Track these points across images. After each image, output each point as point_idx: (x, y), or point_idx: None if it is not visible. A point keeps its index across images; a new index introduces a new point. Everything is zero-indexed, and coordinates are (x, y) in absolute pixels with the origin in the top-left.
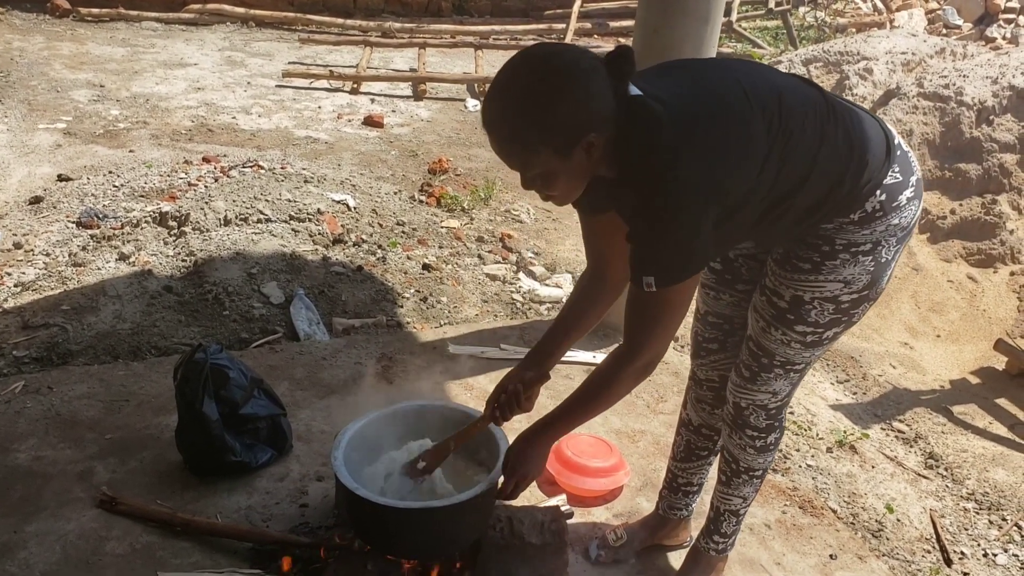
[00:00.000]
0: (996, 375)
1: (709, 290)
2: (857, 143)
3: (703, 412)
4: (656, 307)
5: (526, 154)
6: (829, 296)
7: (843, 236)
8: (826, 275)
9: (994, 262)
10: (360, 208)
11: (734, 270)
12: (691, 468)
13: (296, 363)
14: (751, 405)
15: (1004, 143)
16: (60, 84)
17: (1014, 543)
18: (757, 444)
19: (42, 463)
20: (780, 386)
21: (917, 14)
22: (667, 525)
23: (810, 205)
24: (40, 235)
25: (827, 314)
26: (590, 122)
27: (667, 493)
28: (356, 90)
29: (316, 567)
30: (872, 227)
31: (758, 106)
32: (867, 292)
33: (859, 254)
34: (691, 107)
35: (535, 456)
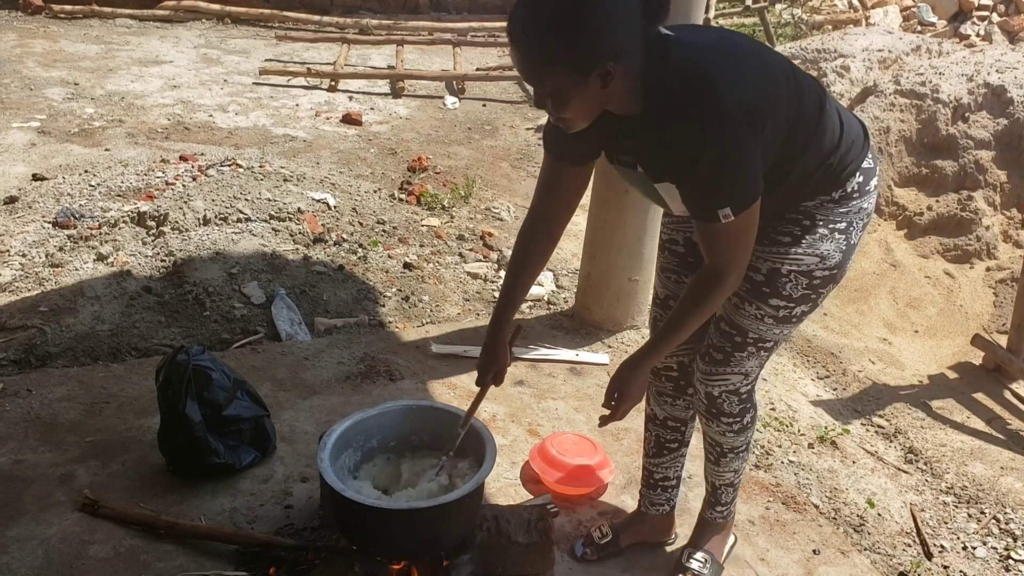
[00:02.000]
0: (973, 370)
1: (671, 274)
2: (845, 124)
3: (665, 405)
4: (737, 232)
5: (542, 68)
6: (805, 270)
7: (822, 213)
8: (805, 248)
9: (970, 258)
10: (340, 207)
11: (697, 253)
12: (664, 463)
13: (278, 364)
14: (723, 392)
15: (980, 140)
16: (33, 82)
17: (992, 536)
18: (735, 427)
19: (22, 467)
20: (751, 366)
21: (892, 11)
22: (650, 522)
23: (801, 176)
24: (16, 235)
25: (800, 288)
26: (612, 50)
27: (646, 490)
28: (334, 88)
29: (302, 569)
30: (848, 207)
31: (778, 61)
32: (835, 272)
33: (835, 231)
34: (724, 47)
35: (638, 381)
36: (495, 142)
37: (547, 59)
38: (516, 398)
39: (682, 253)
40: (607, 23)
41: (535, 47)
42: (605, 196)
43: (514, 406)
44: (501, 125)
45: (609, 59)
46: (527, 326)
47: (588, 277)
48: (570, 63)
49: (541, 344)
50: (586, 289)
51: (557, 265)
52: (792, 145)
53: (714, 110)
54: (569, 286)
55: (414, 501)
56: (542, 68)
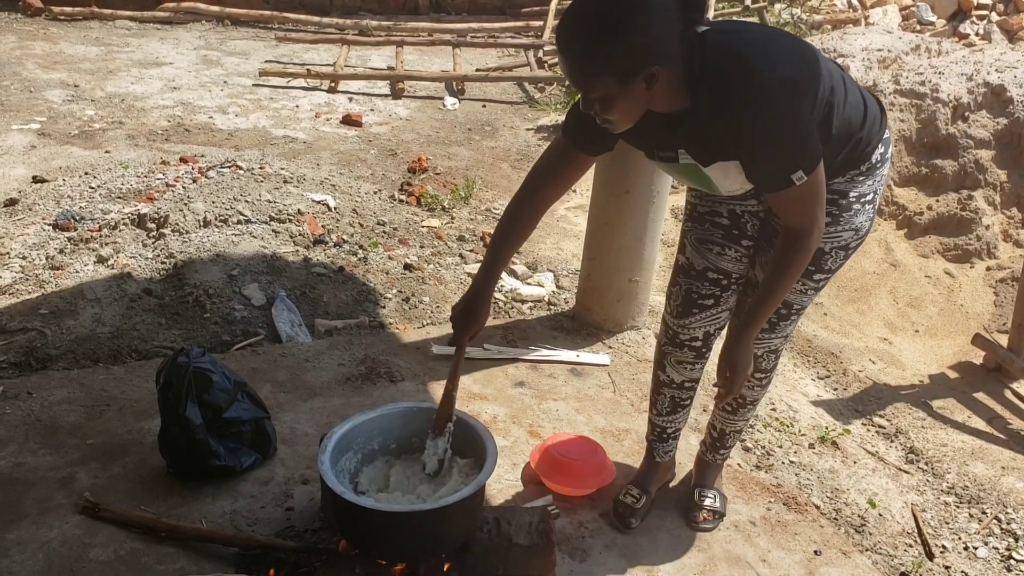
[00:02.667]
0: (974, 369)
1: (714, 245)
2: (865, 100)
3: (685, 370)
4: (812, 192)
5: (591, 76)
6: (843, 244)
7: (854, 189)
8: (843, 225)
9: (970, 257)
10: (340, 208)
11: (741, 226)
12: (679, 418)
13: (279, 365)
14: (765, 352)
15: (979, 139)
16: (33, 84)
17: (994, 536)
18: (764, 382)
19: (22, 470)
20: (791, 329)
21: (892, 10)
22: (663, 467)
23: (833, 155)
24: (16, 238)
25: (839, 260)
26: (656, 54)
27: (659, 443)
28: (334, 89)
29: (303, 571)
30: (874, 178)
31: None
32: (864, 237)
33: (866, 203)
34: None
35: (745, 353)
36: (495, 143)
37: (595, 67)
38: (517, 399)
39: (726, 225)
40: (650, 29)
41: (583, 56)
42: (605, 198)
43: (515, 407)
44: (501, 126)
45: (653, 63)
46: (527, 327)
47: (588, 278)
48: (617, 70)
49: (542, 345)
50: (586, 290)
51: (558, 266)
52: (826, 126)
53: (759, 85)
54: (569, 287)
55: (415, 503)
56: (591, 76)
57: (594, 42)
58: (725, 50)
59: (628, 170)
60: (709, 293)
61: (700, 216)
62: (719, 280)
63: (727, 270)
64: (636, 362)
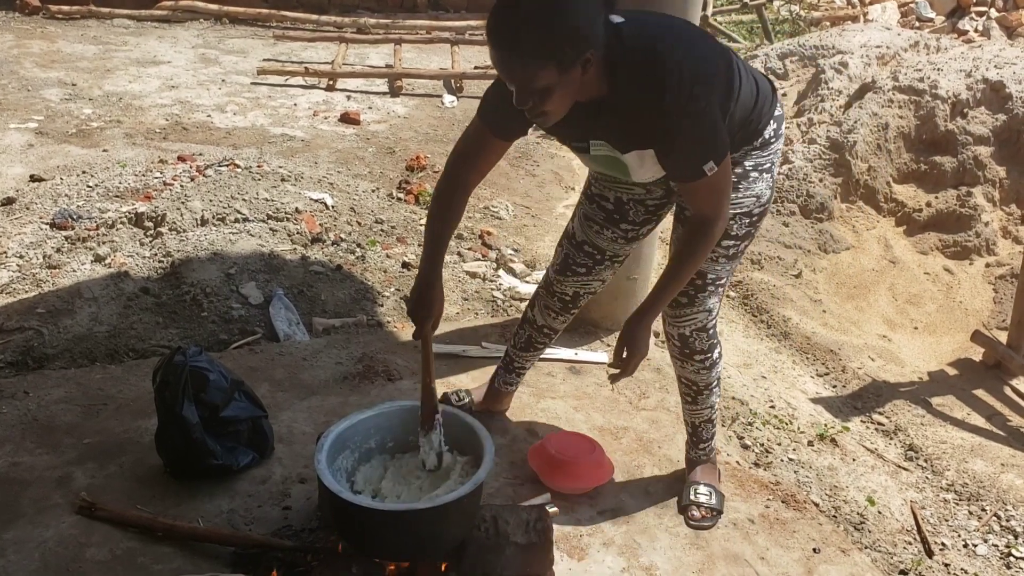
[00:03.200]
0: (973, 366)
1: (594, 224)
2: (758, 83)
3: (548, 316)
4: (720, 182)
5: (533, 67)
6: (746, 211)
7: (751, 160)
8: (743, 193)
9: (970, 254)
10: (338, 206)
11: (623, 212)
12: (528, 356)
13: (276, 364)
14: (693, 331)
15: (978, 136)
16: (31, 83)
17: (993, 533)
18: (707, 364)
19: (19, 469)
20: (713, 302)
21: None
22: (500, 396)
23: (732, 135)
24: (13, 237)
25: (744, 227)
26: (592, 38)
27: (505, 373)
28: (332, 87)
29: (300, 570)
30: (769, 151)
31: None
32: (766, 206)
33: (763, 172)
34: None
35: (644, 335)
36: None
37: (538, 57)
38: (515, 397)
39: (610, 209)
40: (585, 11)
41: (525, 47)
42: None
43: (512, 405)
44: None
45: (590, 46)
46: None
47: None
48: (560, 57)
49: None
50: None
51: None
52: (725, 113)
53: (677, 80)
54: None
55: (412, 502)
56: (533, 67)
57: (536, 31)
58: (643, 40)
59: None
60: (583, 263)
61: (591, 196)
62: (593, 254)
63: (602, 247)
64: None
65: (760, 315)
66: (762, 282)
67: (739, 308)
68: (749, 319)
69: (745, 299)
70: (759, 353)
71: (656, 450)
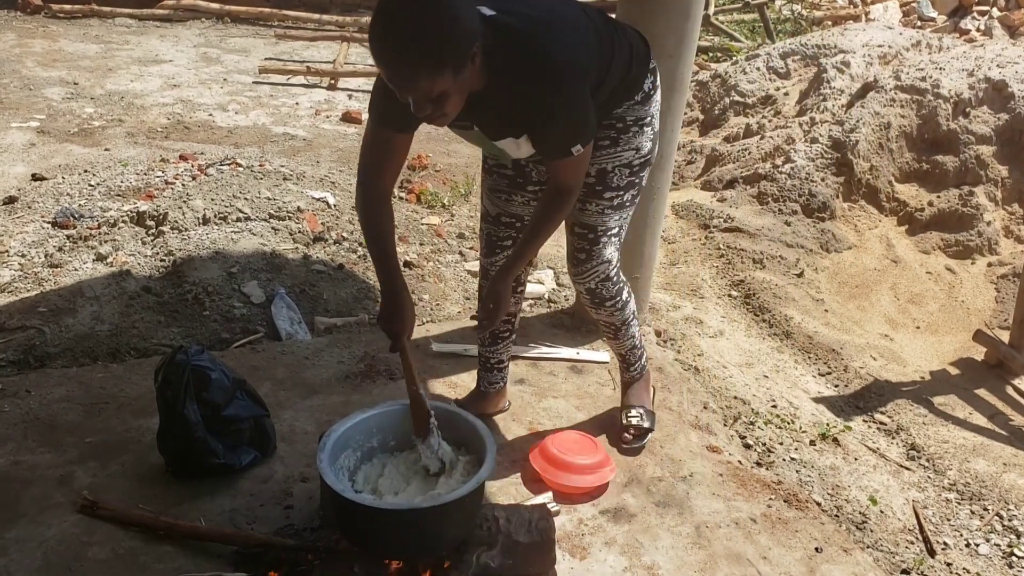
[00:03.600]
0: (975, 366)
1: (501, 193)
2: (632, 41)
3: None
4: (583, 159)
5: (430, 76)
6: (625, 162)
7: (631, 114)
8: (623, 146)
9: (972, 253)
10: (340, 205)
11: (525, 175)
12: (499, 349)
13: (278, 363)
14: (598, 283)
15: (980, 135)
16: (33, 82)
17: (995, 533)
18: (619, 305)
19: (21, 468)
20: (610, 252)
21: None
22: (489, 398)
23: (610, 92)
24: (15, 236)
25: (624, 177)
26: (474, 33)
27: (485, 373)
28: (333, 86)
29: (302, 569)
30: (649, 104)
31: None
32: (649, 156)
33: (644, 126)
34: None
35: (506, 288)
36: None
37: (436, 66)
38: (517, 396)
39: (511, 175)
40: (464, 9)
41: (421, 61)
42: None
43: (514, 404)
44: None
45: (475, 41)
46: (527, 324)
47: None
48: (455, 60)
49: (541, 342)
50: None
51: (558, 263)
52: (602, 73)
53: (553, 75)
54: (569, 284)
55: (415, 501)
56: (431, 78)
57: (428, 41)
58: (520, 36)
59: None
60: (506, 235)
61: (490, 168)
62: (512, 223)
63: (518, 214)
64: None
65: (762, 314)
66: (764, 281)
67: (741, 307)
68: (751, 318)
69: (747, 298)
70: (761, 352)
71: (658, 449)
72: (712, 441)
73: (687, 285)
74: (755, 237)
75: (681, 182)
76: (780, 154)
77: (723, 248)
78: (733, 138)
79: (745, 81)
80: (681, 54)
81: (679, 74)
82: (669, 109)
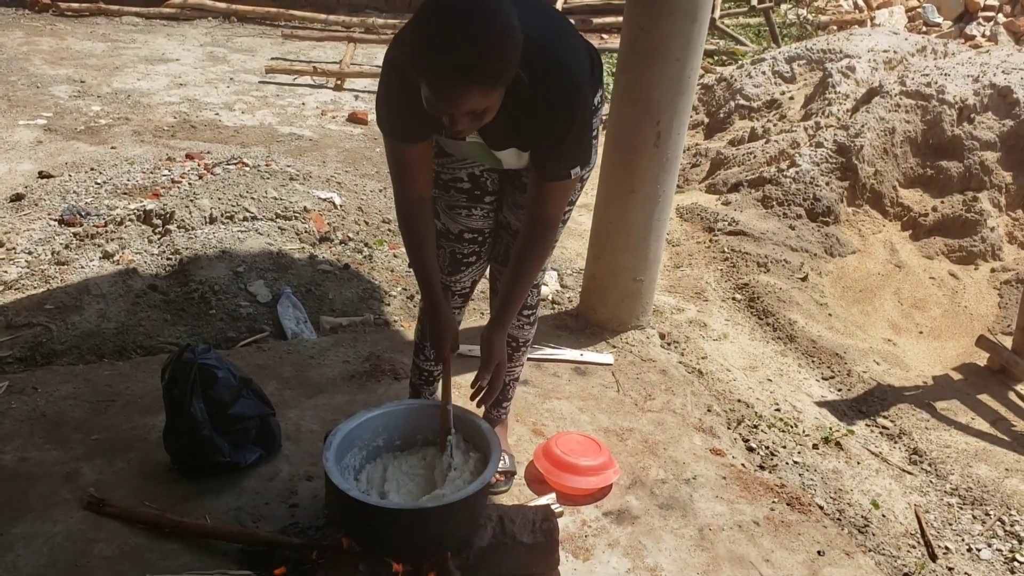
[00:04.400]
0: (978, 371)
1: (461, 209)
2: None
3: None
4: (572, 186)
5: (489, 91)
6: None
7: None
8: None
9: (975, 259)
10: (346, 206)
11: (481, 186)
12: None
13: (284, 362)
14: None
15: (985, 141)
16: (40, 80)
17: (997, 538)
18: (531, 319)
19: (27, 464)
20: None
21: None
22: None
23: None
24: (22, 233)
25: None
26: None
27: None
28: (340, 86)
29: (307, 568)
30: (597, 116)
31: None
32: (590, 167)
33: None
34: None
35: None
36: None
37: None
38: (520, 398)
39: (468, 188)
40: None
41: (483, 77)
42: (611, 197)
43: (518, 406)
44: None
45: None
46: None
47: (593, 277)
48: (509, 76)
49: (545, 344)
50: (591, 289)
51: (562, 265)
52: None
53: (576, 94)
54: (574, 286)
55: (420, 501)
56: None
57: (494, 56)
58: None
59: (633, 170)
60: (470, 251)
61: (444, 184)
62: (475, 239)
63: (479, 228)
64: (640, 361)
65: (766, 318)
66: (768, 285)
67: (745, 311)
68: (755, 322)
69: (751, 302)
70: (765, 356)
71: (661, 452)
72: (716, 444)
73: (691, 288)
74: (759, 241)
75: (686, 185)
76: (785, 158)
77: (727, 251)
78: (738, 142)
79: (750, 85)
80: (687, 57)
81: (685, 77)
82: (675, 112)
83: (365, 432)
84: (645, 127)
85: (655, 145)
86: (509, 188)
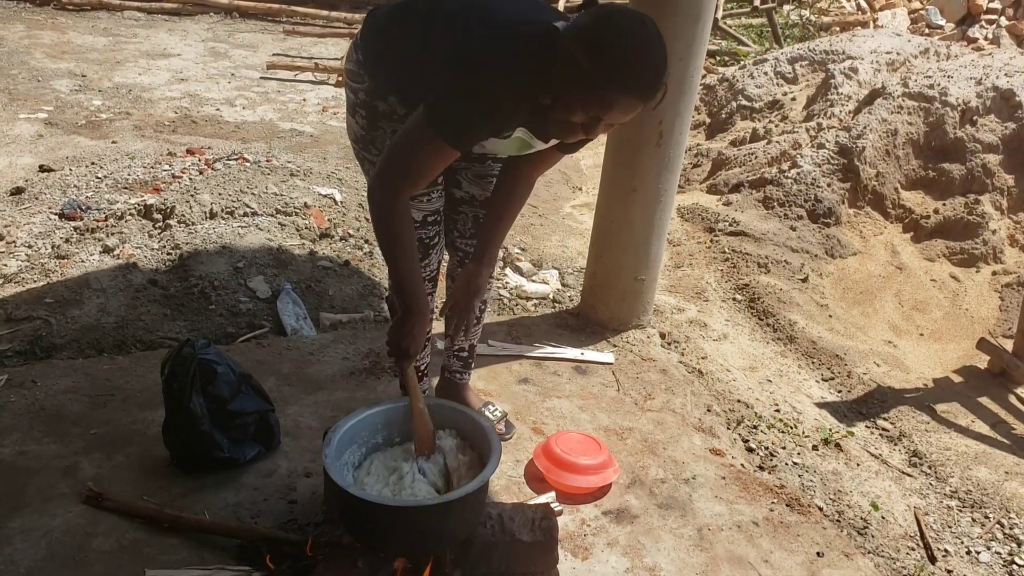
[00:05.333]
0: (978, 374)
1: (423, 197)
2: None
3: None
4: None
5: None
6: None
7: None
8: None
9: (976, 261)
10: (347, 202)
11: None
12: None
13: (283, 358)
14: None
15: (987, 144)
16: (41, 73)
17: (996, 541)
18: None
19: (26, 458)
20: None
21: (900, 14)
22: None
23: None
24: (22, 227)
25: None
26: None
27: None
28: (341, 83)
29: (305, 564)
30: None
31: None
32: None
33: None
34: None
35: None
36: None
37: None
38: (521, 396)
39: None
40: None
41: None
42: (612, 196)
43: (518, 404)
44: None
45: None
46: (532, 324)
47: (594, 276)
48: None
49: (546, 342)
50: (592, 288)
51: (563, 264)
52: None
53: None
54: (575, 284)
55: (420, 499)
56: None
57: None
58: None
59: (635, 169)
60: (434, 233)
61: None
62: (436, 220)
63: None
64: (640, 361)
65: (766, 319)
66: (769, 286)
67: (745, 311)
68: (755, 323)
69: (752, 302)
70: (765, 357)
71: (661, 451)
72: (715, 444)
73: (692, 288)
74: (760, 241)
75: (687, 185)
76: (786, 159)
77: (728, 252)
78: (740, 142)
79: (753, 85)
80: (690, 57)
81: (687, 77)
82: (677, 112)
83: (365, 429)
84: (647, 126)
85: (657, 144)
86: (465, 163)
